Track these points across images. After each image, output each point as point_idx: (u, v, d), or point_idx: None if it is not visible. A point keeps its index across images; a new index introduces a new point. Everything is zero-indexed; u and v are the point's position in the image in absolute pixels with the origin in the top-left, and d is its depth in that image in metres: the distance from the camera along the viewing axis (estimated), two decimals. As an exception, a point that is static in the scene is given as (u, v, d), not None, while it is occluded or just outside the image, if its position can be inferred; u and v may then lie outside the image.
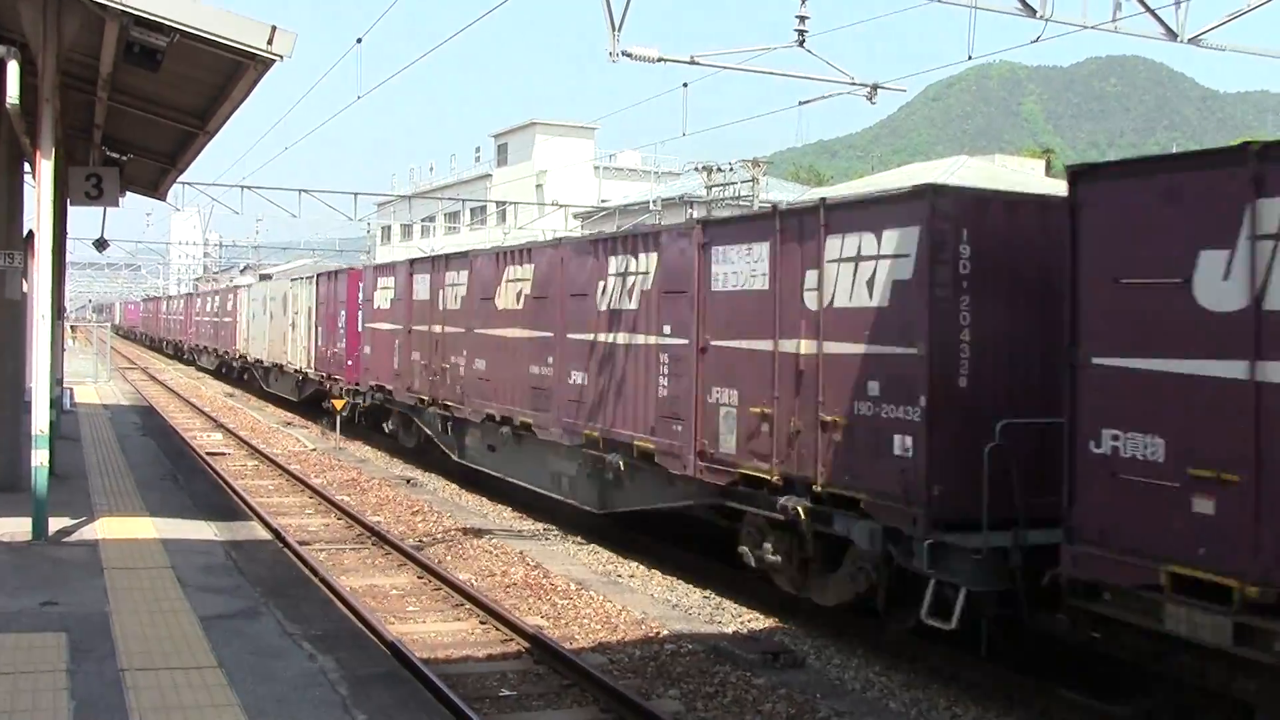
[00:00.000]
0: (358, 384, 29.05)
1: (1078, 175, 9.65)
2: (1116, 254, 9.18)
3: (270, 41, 10.52)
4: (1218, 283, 8.39)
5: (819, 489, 12.09)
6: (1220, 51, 19.86)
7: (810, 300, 12.43)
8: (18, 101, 11.48)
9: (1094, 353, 9.27)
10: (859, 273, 11.81)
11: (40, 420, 12.41)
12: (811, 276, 12.39)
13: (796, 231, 12.79)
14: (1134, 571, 8.86)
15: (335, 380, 31.00)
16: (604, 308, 16.72)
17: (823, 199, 12.91)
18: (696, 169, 44.88)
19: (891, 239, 11.41)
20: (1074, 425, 9.36)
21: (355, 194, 42.55)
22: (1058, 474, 9.48)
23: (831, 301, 12.16)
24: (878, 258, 11.60)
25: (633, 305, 15.97)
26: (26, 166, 16.25)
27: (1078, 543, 9.29)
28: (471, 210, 75.02)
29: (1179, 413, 8.64)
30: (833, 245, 12.16)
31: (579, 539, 17.87)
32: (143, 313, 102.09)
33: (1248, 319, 8.20)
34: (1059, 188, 11.52)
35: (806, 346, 12.45)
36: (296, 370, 36.26)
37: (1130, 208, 9.12)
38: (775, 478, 12.78)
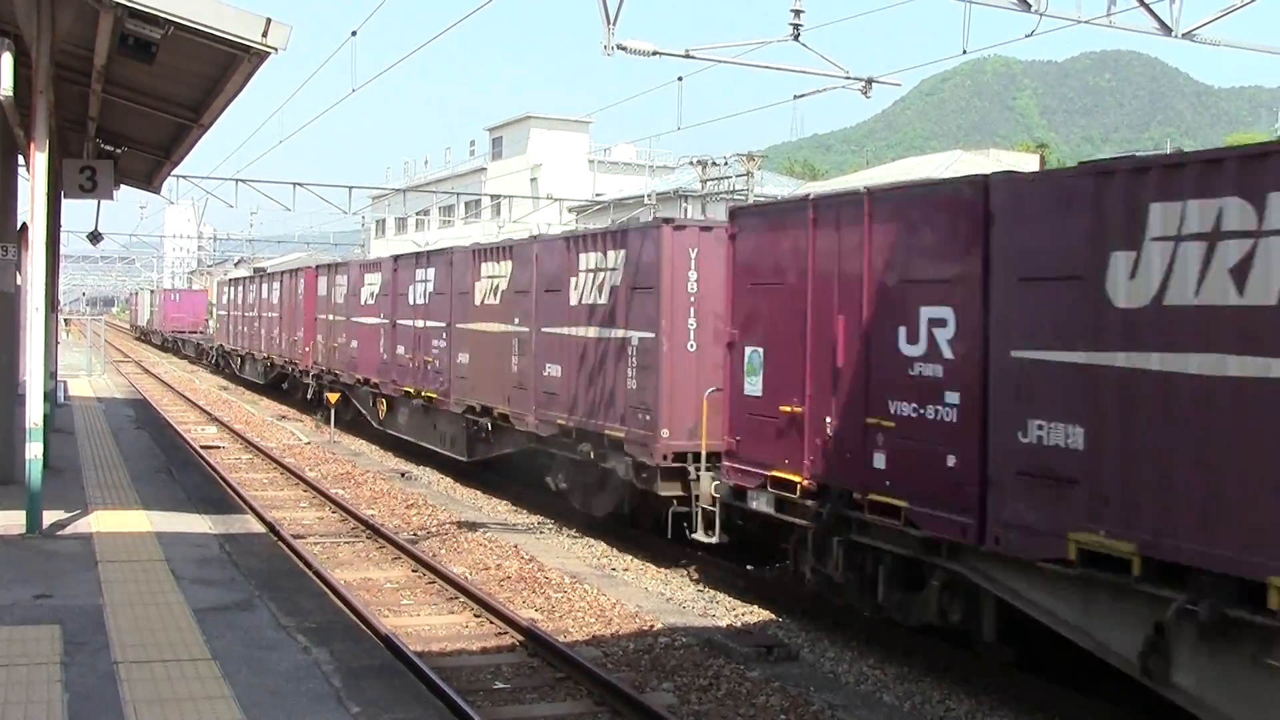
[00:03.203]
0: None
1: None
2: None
3: (265, 34, 10.49)
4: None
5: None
6: (1214, 46, 19.91)
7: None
8: (11, 93, 11.43)
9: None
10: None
11: (34, 413, 12.38)
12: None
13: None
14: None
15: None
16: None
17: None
18: (691, 163, 44.81)
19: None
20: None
21: (350, 187, 42.52)
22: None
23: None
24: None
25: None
26: (20, 159, 16.21)
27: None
28: (466, 204, 74.99)
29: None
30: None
31: (574, 533, 17.89)
32: (233, 304, 48.26)
33: None
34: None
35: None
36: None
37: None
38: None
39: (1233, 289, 7.90)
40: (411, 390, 24.55)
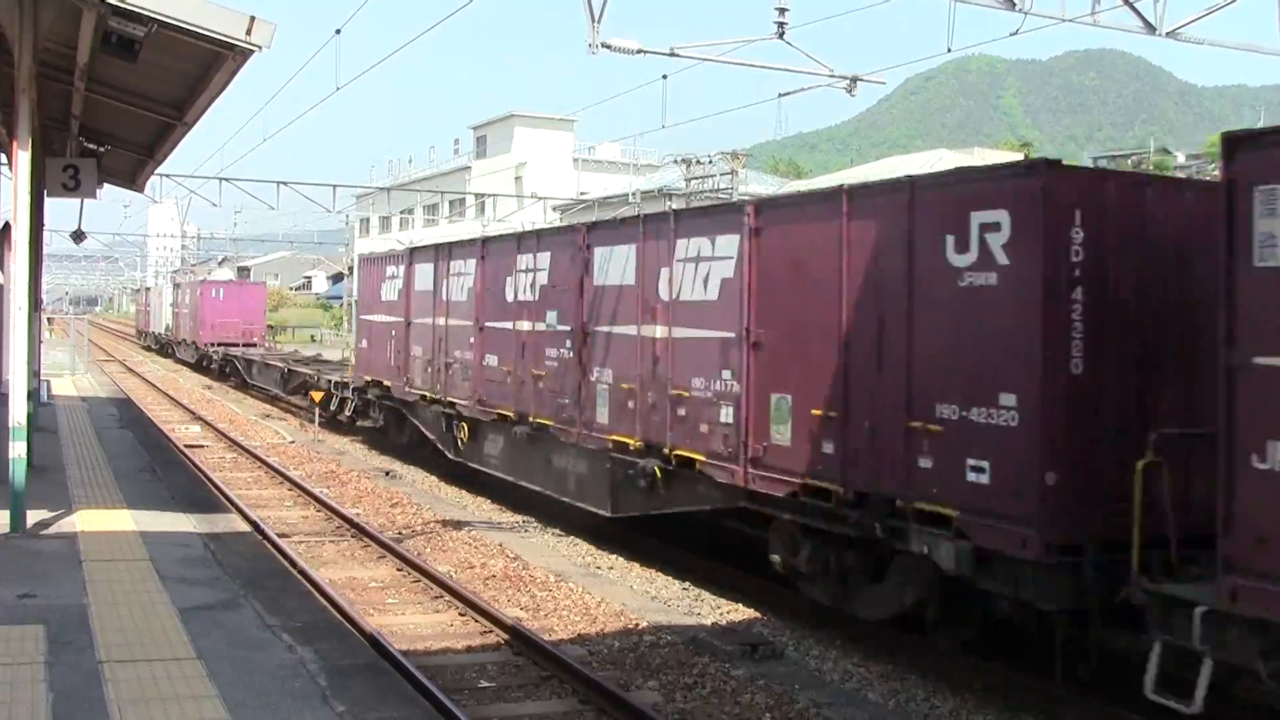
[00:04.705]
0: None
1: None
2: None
3: (249, 32, 10.48)
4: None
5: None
6: (1198, 45, 20.01)
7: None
8: (-7, 92, 11.42)
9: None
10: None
11: (17, 412, 12.35)
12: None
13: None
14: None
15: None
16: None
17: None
18: (675, 162, 44.91)
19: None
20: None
21: (334, 186, 42.45)
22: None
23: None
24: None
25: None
26: (3, 157, 16.16)
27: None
28: (450, 202, 74.91)
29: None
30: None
31: (558, 531, 17.88)
32: (416, 303, 23.19)
33: None
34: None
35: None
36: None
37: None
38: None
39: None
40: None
